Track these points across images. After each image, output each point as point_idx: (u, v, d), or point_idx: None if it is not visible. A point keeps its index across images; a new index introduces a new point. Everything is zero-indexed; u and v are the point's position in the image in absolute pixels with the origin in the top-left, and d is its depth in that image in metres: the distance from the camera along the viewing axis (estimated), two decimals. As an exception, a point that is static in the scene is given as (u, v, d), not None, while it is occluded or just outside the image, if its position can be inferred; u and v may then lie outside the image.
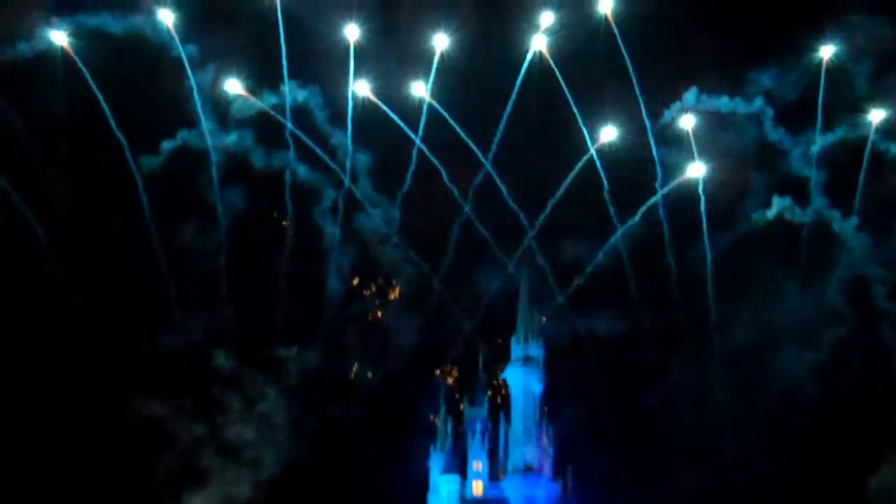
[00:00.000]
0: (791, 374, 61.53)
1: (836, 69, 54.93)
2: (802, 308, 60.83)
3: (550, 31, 55.55)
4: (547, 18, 55.65)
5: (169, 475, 61.90)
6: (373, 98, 56.12)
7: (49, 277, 59.29)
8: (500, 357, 65.81)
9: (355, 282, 69.55)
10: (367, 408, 68.68)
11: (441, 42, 55.48)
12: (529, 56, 55.79)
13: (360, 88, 55.98)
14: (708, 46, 54.81)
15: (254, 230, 62.34)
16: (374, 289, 71.42)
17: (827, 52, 54.90)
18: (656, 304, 63.37)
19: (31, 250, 58.28)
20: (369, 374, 71.09)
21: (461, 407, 65.04)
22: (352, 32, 54.91)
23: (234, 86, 54.84)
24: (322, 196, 59.24)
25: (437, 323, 66.09)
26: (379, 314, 70.84)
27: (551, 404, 63.79)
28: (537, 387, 62.66)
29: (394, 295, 70.67)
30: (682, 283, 61.50)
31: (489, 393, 67.21)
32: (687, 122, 56.04)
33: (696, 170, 56.63)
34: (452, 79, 56.34)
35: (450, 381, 73.72)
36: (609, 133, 56.51)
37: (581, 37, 55.96)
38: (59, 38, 51.50)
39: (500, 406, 64.78)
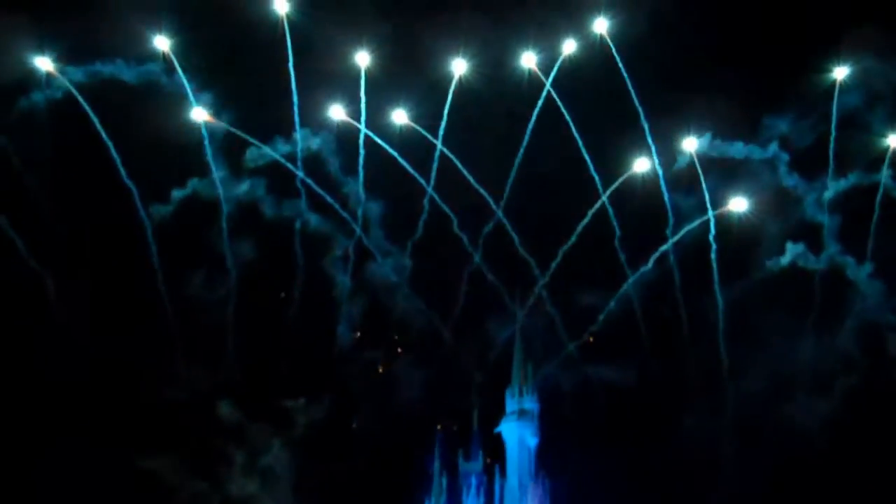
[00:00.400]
0: (803, 423, 60.77)
1: (851, 113, 55.10)
2: (815, 356, 60.27)
3: (539, 53, 55.42)
4: (569, 46, 55.51)
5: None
6: (348, 119, 55.46)
7: (54, 326, 58.51)
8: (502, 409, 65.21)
9: (358, 334, 68.51)
10: (366, 461, 67.63)
11: (459, 67, 55.33)
12: (542, 96, 55.76)
13: (336, 112, 55.46)
14: (722, 92, 54.57)
15: (264, 280, 61.56)
16: (380, 344, 70.52)
17: (841, 73, 54.84)
18: (666, 353, 62.93)
19: (37, 298, 57.66)
20: (371, 427, 69.91)
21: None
22: (362, 59, 54.71)
23: (200, 114, 53.87)
24: (334, 245, 58.85)
25: (444, 374, 65.55)
26: (380, 370, 69.86)
27: (553, 457, 63.10)
28: (532, 440, 61.76)
29: (401, 349, 69.77)
30: (693, 331, 61.09)
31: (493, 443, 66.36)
32: (689, 145, 55.75)
33: (738, 204, 56.23)
34: (465, 113, 56.13)
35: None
36: (642, 164, 56.21)
37: (591, 78, 55.96)
38: (44, 63, 51.02)
39: (496, 460, 63.97)
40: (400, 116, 55.89)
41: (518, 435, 61.52)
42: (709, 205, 56.85)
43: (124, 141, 52.87)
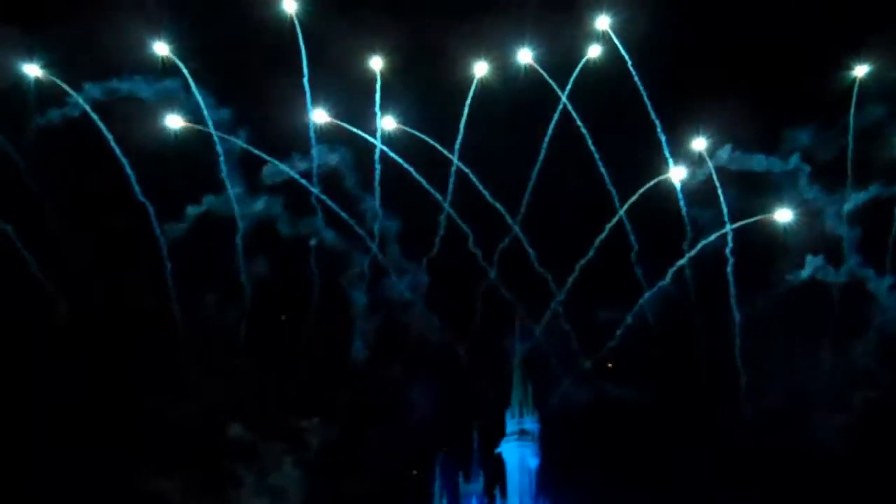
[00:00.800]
0: (822, 437, 60.30)
1: (872, 124, 54.68)
2: (835, 370, 59.82)
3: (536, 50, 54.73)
4: (594, 51, 54.78)
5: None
6: (334, 121, 54.62)
7: (65, 345, 57.86)
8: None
9: (368, 354, 67.87)
10: (373, 480, 67.03)
11: (480, 69, 54.55)
12: (558, 109, 55.19)
13: (319, 116, 54.15)
14: (741, 102, 54.08)
15: (279, 297, 60.96)
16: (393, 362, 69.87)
17: (861, 71, 54.15)
18: (682, 369, 62.52)
19: (49, 317, 57.16)
20: (379, 447, 69.16)
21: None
22: (376, 64, 53.99)
23: (175, 121, 52.65)
24: (350, 262, 58.32)
25: (456, 392, 65.11)
26: (391, 389, 69.08)
27: (554, 478, 62.72)
28: (533, 461, 61.88)
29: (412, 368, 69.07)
30: (711, 346, 60.60)
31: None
32: (699, 145, 55.13)
33: (783, 215, 55.60)
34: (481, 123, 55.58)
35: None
36: (678, 173, 55.53)
37: (605, 90, 55.47)
38: (32, 70, 50.21)
39: (496, 481, 63.06)
40: (388, 123, 55.15)
41: (518, 456, 61.50)
42: (726, 218, 56.36)
43: (138, 157, 52.11)
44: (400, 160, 55.54)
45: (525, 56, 54.75)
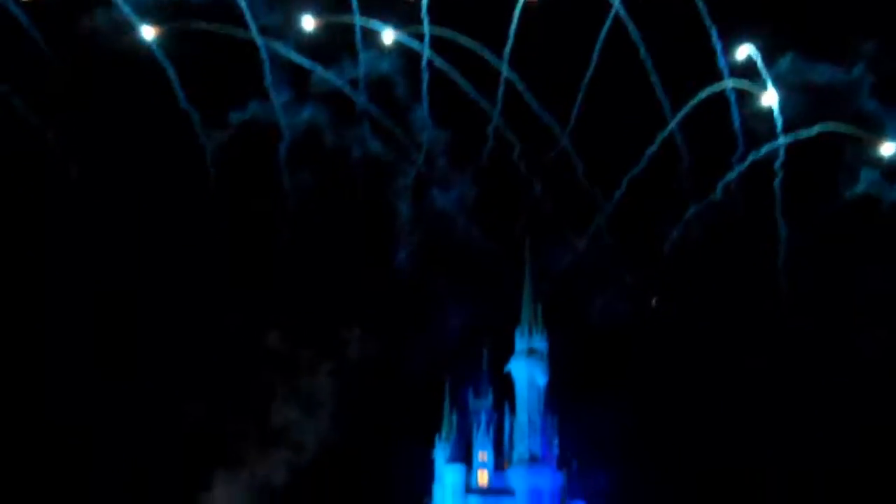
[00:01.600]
0: (862, 358, 60.09)
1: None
2: (882, 288, 59.17)
3: None
4: None
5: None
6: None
7: (113, 255, 57.75)
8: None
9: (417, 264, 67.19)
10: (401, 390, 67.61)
11: None
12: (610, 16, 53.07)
13: (308, 23, 50.78)
14: (808, 9, 51.92)
15: (322, 207, 60.37)
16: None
17: None
18: (724, 284, 62.10)
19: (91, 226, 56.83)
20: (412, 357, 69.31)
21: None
22: None
23: (149, 32, 49.58)
24: (395, 173, 57.51)
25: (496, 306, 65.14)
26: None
27: (563, 395, 63.26)
28: (542, 379, 62.79)
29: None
30: (755, 262, 59.86)
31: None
32: (743, 52, 52.47)
33: (887, 148, 53.05)
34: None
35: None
36: (770, 97, 53.01)
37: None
38: None
39: (506, 397, 64.30)
40: (388, 36, 52.88)
41: (527, 373, 62.39)
42: (779, 130, 54.74)
43: (188, 66, 50.56)
44: (447, 68, 53.91)
45: None
